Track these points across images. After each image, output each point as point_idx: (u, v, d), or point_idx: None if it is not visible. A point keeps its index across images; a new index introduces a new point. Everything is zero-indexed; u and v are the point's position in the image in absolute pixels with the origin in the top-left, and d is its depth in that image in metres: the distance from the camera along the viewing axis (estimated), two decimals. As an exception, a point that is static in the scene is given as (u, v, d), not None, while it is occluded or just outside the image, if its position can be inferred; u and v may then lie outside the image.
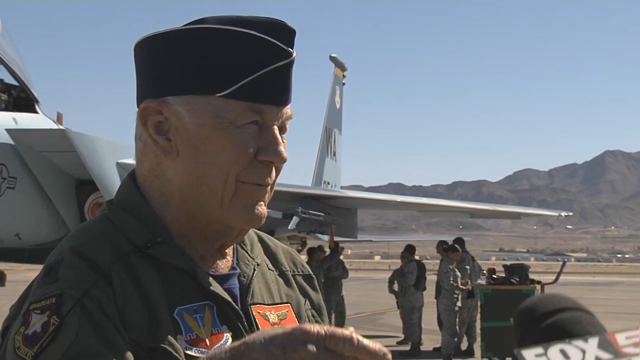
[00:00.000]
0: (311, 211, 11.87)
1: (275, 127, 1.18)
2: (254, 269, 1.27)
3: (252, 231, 1.35)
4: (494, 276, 10.58)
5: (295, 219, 11.25)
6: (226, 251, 1.26)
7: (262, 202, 1.20)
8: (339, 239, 14.39)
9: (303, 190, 13.05)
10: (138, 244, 1.15)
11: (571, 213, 21.60)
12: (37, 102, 8.10)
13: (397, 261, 14.42)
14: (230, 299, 1.18)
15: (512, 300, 9.96)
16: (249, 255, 1.29)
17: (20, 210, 7.27)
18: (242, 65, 1.14)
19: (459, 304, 11.74)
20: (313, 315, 1.36)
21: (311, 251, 13.61)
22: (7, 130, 7.14)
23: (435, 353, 12.18)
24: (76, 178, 7.84)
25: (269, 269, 1.32)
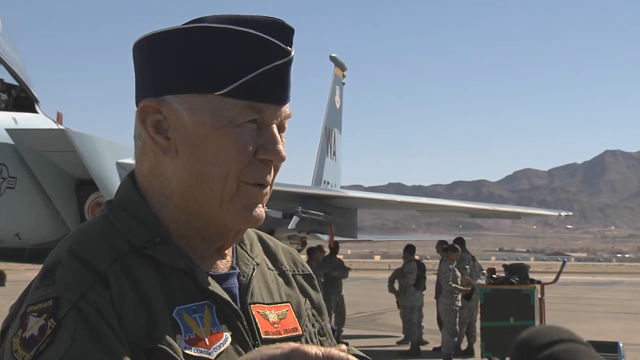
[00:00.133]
0: (311, 211, 11.86)
1: (274, 126, 1.18)
2: (254, 269, 1.27)
3: (252, 231, 1.35)
4: (494, 276, 10.56)
5: (295, 219, 11.23)
6: (225, 251, 1.25)
7: (261, 204, 1.20)
8: (339, 239, 14.37)
9: (303, 190, 13.04)
10: (136, 245, 1.15)
11: (571, 213, 21.57)
12: (37, 102, 8.09)
13: (397, 261, 14.40)
14: (229, 299, 1.18)
15: (512, 300, 9.97)
16: (249, 255, 1.29)
17: (20, 210, 7.26)
18: (241, 64, 1.14)
19: (459, 304, 11.73)
20: (313, 314, 1.35)
21: (311, 251, 13.60)
22: (7, 130, 7.14)
23: (435, 353, 12.18)
24: (76, 178, 7.84)
25: (269, 269, 1.32)
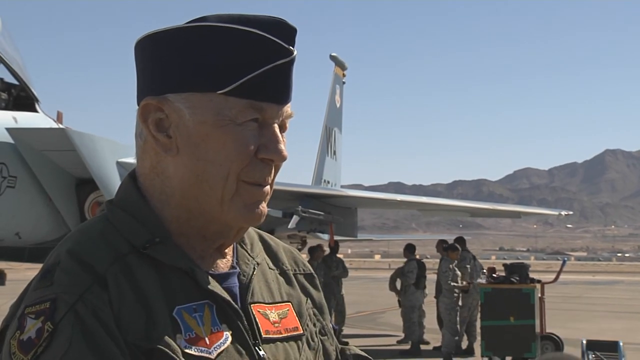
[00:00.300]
0: (311, 210, 11.86)
1: (275, 125, 1.18)
2: (254, 268, 1.26)
3: (253, 230, 1.35)
4: (494, 275, 10.55)
5: (295, 218, 11.23)
6: (226, 250, 1.25)
7: (263, 202, 1.19)
8: (339, 238, 14.37)
9: (303, 189, 13.04)
10: (136, 245, 1.15)
11: (571, 212, 21.51)
12: (37, 101, 8.08)
13: (397, 260, 14.40)
14: (229, 298, 1.18)
15: (512, 299, 9.97)
16: (249, 254, 1.29)
17: (20, 209, 7.26)
18: (243, 63, 1.14)
19: (460, 303, 11.73)
20: (314, 314, 1.35)
21: (312, 250, 13.58)
22: (7, 129, 7.13)
23: (435, 352, 12.18)
24: (76, 177, 7.83)
25: (270, 268, 1.32)
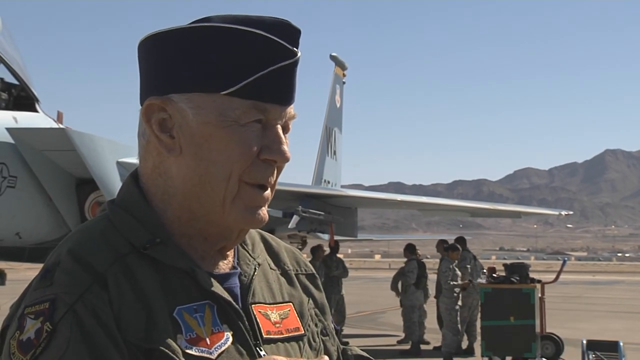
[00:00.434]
0: (311, 210, 11.85)
1: (278, 126, 1.18)
2: (255, 269, 1.26)
3: (255, 230, 1.34)
4: (494, 275, 10.55)
5: (295, 218, 11.23)
6: (227, 252, 1.25)
7: (264, 207, 1.19)
8: (339, 238, 14.36)
9: (303, 189, 13.04)
10: (137, 245, 1.14)
11: (571, 212, 21.51)
12: (38, 101, 8.08)
13: (397, 260, 14.40)
14: (230, 298, 1.18)
15: (513, 299, 9.96)
16: (250, 255, 1.29)
17: (20, 209, 7.26)
18: (247, 64, 1.14)
19: (460, 303, 11.73)
20: (316, 314, 1.35)
21: (314, 250, 13.55)
22: (8, 129, 7.13)
23: (435, 352, 12.18)
24: (76, 177, 7.83)
25: (271, 269, 1.32)
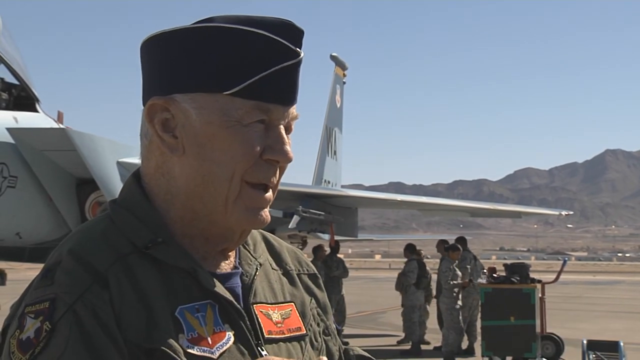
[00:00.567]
0: (312, 210, 11.86)
1: (281, 127, 1.18)
2: (257, 269, 1.27)
3: (256, 230, 1.34)
4: (495, 275, 10.55)
5: (295, 218, 11.23)
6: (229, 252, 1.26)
7: (266, 209, 1.19)
8: (340, 238, 14.36)
9: (304, 189, 13.04)
10: (138, 245, 1.14)
11: (572, 212, 21.53)
12: (38, 101, 8.07)
13: (398, 260, 14.40)
14: (232, 298, 1.18)
15: (513, 299, 9.96)
16: (252, 255, 1.29)
17: (20, 209, 7.25)
18: (250, 64, 1.14)
19: (460, 303, 11.73)
20: (318, 313, 1.35)
21: (316, 250, 13.55)
22: (8, 129, 7.12)
23: (436, 352, 12.17)
24: (77, 177, 7.83)
25: (273, 269, 1.32)
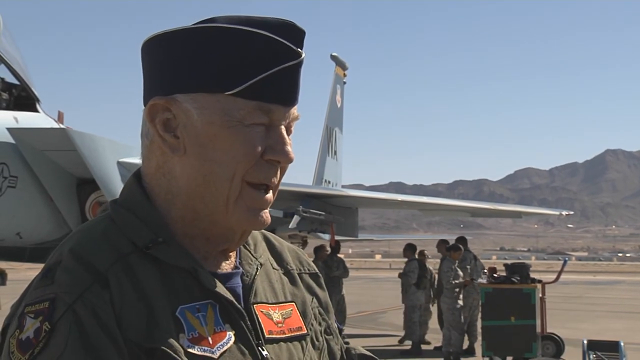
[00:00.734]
0: (312, 210, 11.86)
1: (282, 127, 1.18)
2: (257, 269, 1.27)
3: (257, 231, 1.34)
4: (495, 275, 10.55)
5: (296, 218, 11.23)
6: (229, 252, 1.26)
7: (266, 209, 1.20)
8: (340, 238, 14.36)
9: (304, 189, 13.04)
10: (139, 245, 1.14)
11: (572, 212, 21.53)
12: (38, 101, 8.07)
13: (398, 260, 14.40)
14: (232, 298, 1.18)
15: (513, 299, 9.96)
16: (252, 255, 1.29)
17: (21, 209, 7.25)
18: (252, 64, 1.14)
19: (461, 302, 11.73)
20: (320, 313, 1.36)
21: (317, 250, 13.56)
22: (8, 129, 7.12)
23: (436, 352, 12.18)
24: (77, 177, 7.83)
25: (274, 268, 1.32)
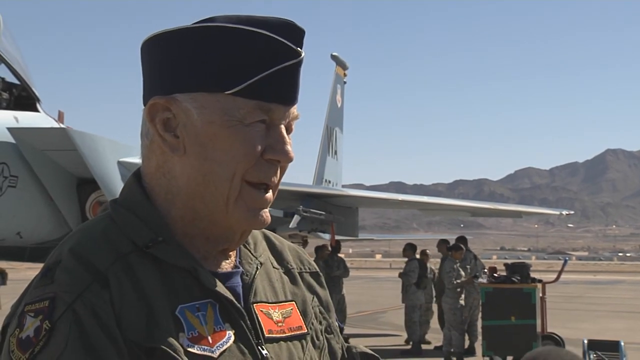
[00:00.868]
0: (312, 210, 11.87)
1: (282, 126, 1.19)
2: (257, 268, 1.27)
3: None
4: (495, 275, 10.56)
5: (296, 218, 11.24)
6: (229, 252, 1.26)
7: (266, 209, 1.20)
8: (340, 238, 14.36)
9: (304, 188, 13.05)
10: (139, 244, 1.15)
11: (572, 212, 21.52)
12: (39, 101, 8.07)
13: (398, 260, 14.40)
14: (232, 297, 1.18)
15: (514, 299, 9.97)
16: (252, 254, 1.29)
17: (21, 209, 7.25)
18: (251, 64, 1.14)
19: (462, 302, 11.73)
20: (320, 312, 1.36)
21: (318, 249, 13.56)
22: (9, 128, 7.12)
23: (436, 352, 12.18)
24: (77, 177, 7.83)
25: (274, 267, 1.32)
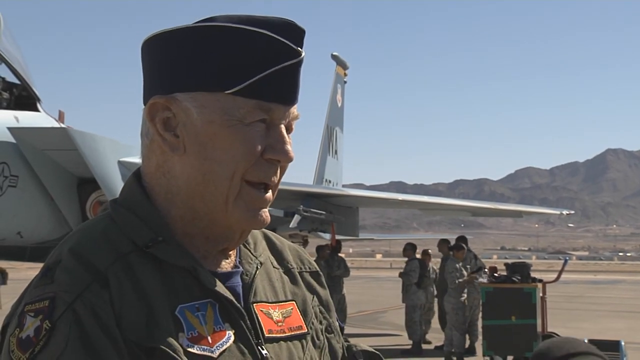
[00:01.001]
0: (312, 209, 11.87)
1: (282, 126, 1.19)
2: (257, 268, 1.27)
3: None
4: (496, 274, 10.55)
5: (296, 218, 11.25)
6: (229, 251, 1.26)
7: (266, 209, 1.20)
8: (341, 238, 14.37)
9: (304, 188, 13.05)
10: (139, 244, 1.15)
11: (573, 211, 21.54)
12: (39, 101, 8.08)
13: (399, 259, 14.40)
14: (232, 297, 1.18)
15: (514, 298, 9.96)
16: (252, 253, 1.29)
17: (21, 208, 7.26)
18: (252, 63, 1.14)
19: (465, 302, 11.72)
20: (321, 311, 1.36)
21: (319, 249, 13.56)
22: (9, 128, 7.13)
23: (437, 352, 12.18)
24: (78, 176, 7.84)
25: (274, 267, 1.32)
